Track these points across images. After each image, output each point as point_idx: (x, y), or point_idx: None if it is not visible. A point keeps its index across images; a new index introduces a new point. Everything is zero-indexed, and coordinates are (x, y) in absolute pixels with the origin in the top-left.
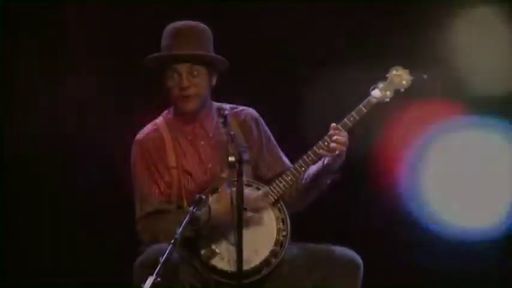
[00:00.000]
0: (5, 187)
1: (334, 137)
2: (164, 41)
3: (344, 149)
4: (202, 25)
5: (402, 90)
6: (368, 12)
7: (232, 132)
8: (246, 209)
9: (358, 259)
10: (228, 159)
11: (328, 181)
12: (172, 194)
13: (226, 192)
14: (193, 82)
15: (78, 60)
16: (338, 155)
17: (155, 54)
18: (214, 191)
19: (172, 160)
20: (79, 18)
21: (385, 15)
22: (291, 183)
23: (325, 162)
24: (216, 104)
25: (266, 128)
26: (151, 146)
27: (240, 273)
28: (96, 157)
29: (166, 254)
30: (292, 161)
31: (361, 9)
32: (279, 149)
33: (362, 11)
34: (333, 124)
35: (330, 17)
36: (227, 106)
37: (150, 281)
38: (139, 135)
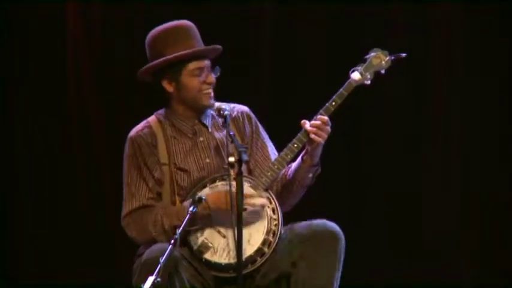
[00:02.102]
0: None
1: (312, 122)
2: (161, 44)
3: (323, 133)
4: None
5: (383, 71)
6: None
7: (232, 133)
8: (245, 209)
9: (338, 231)
10: (227, 159)
11: (310, 175)
12: (164, 190)
13: (222, 185)
14: (213, 77)
15: None
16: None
17: (179, 54)
18: (209, 184)
19: (163, 157)
20: None
21: None
22: (277, 171)
23: (308, 148)
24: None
25: (259, 125)
26: (143, 142)
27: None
28: None
29: (166, 254)
30: None
31: None
32: (271, 148)
33: None
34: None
35: None
36: (220, 104)
37: (150, 281)
38: (132, 132)
